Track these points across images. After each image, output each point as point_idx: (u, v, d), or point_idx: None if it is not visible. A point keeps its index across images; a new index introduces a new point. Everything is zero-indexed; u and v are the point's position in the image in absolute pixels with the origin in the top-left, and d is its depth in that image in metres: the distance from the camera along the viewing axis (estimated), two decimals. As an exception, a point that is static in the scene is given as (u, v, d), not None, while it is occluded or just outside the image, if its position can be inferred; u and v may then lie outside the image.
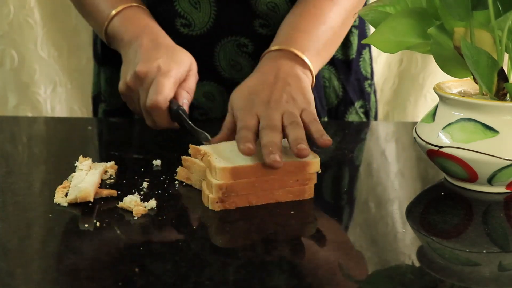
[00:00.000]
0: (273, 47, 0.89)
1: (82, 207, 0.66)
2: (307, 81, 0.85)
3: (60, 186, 0.70)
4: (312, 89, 0.85)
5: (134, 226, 0.63)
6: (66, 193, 0.69)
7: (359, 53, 1.12)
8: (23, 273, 0.54)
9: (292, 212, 0.68)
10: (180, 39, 0.98)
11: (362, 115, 1.14)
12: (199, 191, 0.72)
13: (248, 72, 1.00)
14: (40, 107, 1.61)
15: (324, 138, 0.71)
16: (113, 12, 0.91)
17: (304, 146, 0.68)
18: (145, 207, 0.66)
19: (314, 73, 0.88)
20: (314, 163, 0.70)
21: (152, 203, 0.67)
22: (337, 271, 0.57)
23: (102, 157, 0.82)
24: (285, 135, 0.73)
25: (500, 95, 0.71)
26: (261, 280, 0.54)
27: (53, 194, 0.69)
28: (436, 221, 0.67)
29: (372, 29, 1.53)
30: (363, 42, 0.74)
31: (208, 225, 0.64)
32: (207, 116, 1.06)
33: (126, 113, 1.05)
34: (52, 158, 0.78)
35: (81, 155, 0.78)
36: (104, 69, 1.10)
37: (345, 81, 1.10)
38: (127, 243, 0.60)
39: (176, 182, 0.75)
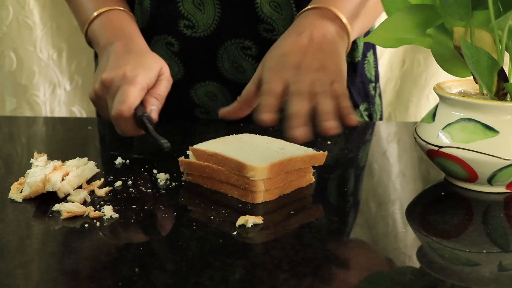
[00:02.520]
0: (310, 5, 0.85)
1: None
2: (342, 46, 0.81)
3: (16, 183, 0.71)
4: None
5: (134, 226, 0.63)
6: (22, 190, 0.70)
7: (364, 55, 1.11)
8: (23, 273, 0.54)
9: (292, 212, 0.68)
10: (183, 41, 0.98)
11: (366, 118, 1.13)
12: (198, 191, 0.72)
13: (251, 75, 1.00)
14: (39, 110, 1.61)
15: (351, 117, 0.70)
16: (95, 14, 0.89)
17: (333, 123, 0.68)
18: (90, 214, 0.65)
19: (352, 38, 0.84)
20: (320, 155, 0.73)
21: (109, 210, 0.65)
22: (337, 271, 0.57)
23: (102, 157, 0.82)
24: (314, 104, 0.71)
25: (500, 95, 0.71)
26: (261, 280, 0.54)
27: (53, 194, 0.69)
28: (436, 221, 0.67)
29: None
30: (362, 40, 0.74)
31: (208, 225, 0.64)
32: (208, 115, 1.05)
33: None
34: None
35: (35, 152, 0.78)
36: None
37: (350, 83, 1.09)
38: (127, 243, 0.60)
39: (175, 182, 0.75)
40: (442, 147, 0.73)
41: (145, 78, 0.80)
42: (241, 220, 0.64)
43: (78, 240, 0.60)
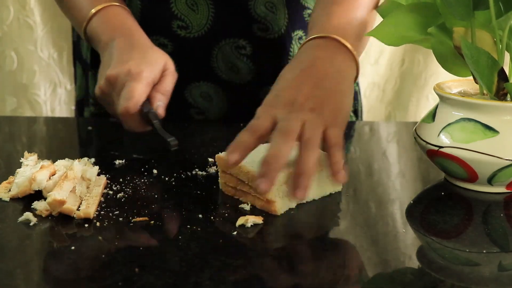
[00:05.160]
0: (312, 35, 0.79)
1: (82, 207, 0.67)
2: (351, 77, 0.76)
3: (4, 182, 0.72)
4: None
5: (134, 226, 0.63)
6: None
7: None
8: (23, 273, 0.54)
9: (292, 212, 0.68)
10: (177, 42, 0.97)
11: (352, 114, 1.14)
12: (198, 192, 0.72)
13: (246, 74, 1.00)
14: (39, 109, 1.61)
15: (339, 175, 0.63)
16: (93, 11, 0.87)
17: (302, 191, 0.61)
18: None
19: (359, 63, 0.78)
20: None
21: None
22: (337, 271, 0.57)
23: (102, 157, 0.82)
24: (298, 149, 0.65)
25: (500, 95, 0.71)
26: (261, 280, 0.54)
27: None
28: (436, 221, 0.67)
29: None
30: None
31: (208, 225, 0.64)
32: (204, 116, 1.05)
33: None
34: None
35: (26, 151, 0.78)
36: (94, 72, 1.08)
37: None
38: (127, 243, 0.60)
39: (175, 183, 0.75)
40: (442, 147, 0.73)
41: (151, 73, 0.79)
42: (241, 220, 0.64)
43: (78, 240, 0.60)
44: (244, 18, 0.98)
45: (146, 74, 0.79)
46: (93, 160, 0.79)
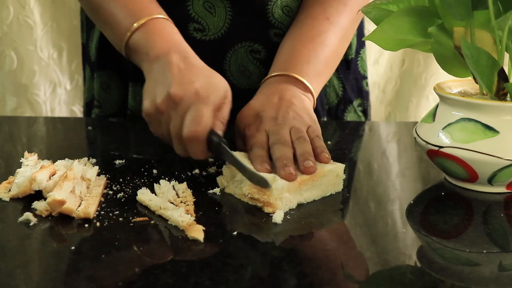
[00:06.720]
0: (273, 72, 0.89)
1: (82, 207, 0.66)
2: (309, 102, 0.86)
3: (4, 182, 0.72)
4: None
5: (134, 226, 0.63)
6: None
7: (357, 52, 1.12)
8: (23, 273, 0.54)
9: (292, 211, 0.68)
10: (192, 44, 0.97)
11: (360, 114, 1.14)
12: (198, 192, 0.72)
13: (256, 80, 1.00)
14: (39, 109, 1.61)
15: (323, 155, 0.73)
16: (136, 24, 0.84)
17: (311, 163, 0.71)
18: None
19: (316, 95, 0.89)
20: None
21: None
22: (337, 271, 0.57)
23: (102, 157, 0.82)
24: (293, 148, 0.73)
25: (500, 95, 0.71)
26: (261, 280, 0.54)
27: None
28: (436, 221, 0.67)
29: (368, 30, 1.55)
30: (364, 39, 0.74)
31: (208, 225, 0.64)
32: None
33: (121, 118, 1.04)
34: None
35: (26, 151, 0.78)
36: (99, 74, 1.07)
37: (344, 80, 1.10)
38: (127, 243, 0.60)
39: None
40: (442, 147, 0.73)
41: (216, 99, 0.76)
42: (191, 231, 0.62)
43: (78, 240, 0.60)
44: (261, 23, 0.97)
45: (213, 99, 0.75)
46: (94, 160, 0.79)
